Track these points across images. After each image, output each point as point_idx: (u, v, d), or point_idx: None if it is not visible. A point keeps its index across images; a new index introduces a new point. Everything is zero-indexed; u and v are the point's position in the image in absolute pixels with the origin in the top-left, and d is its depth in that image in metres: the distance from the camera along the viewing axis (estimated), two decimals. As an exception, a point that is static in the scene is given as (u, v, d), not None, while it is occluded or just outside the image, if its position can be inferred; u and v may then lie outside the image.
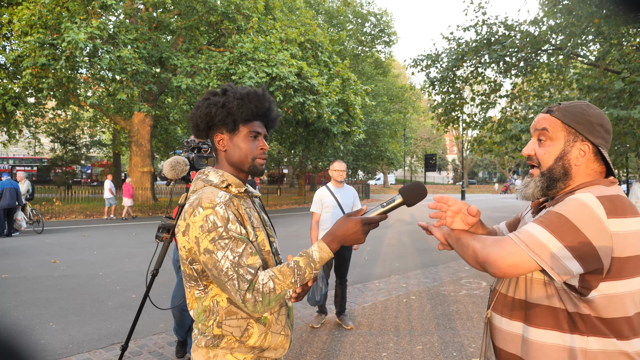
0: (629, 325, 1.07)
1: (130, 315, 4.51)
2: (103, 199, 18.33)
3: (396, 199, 1.26)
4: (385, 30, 32.35)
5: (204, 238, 1.18)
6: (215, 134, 1.36)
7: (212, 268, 1.18)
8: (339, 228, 1.24)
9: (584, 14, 9.31)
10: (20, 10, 12.78)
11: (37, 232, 10.64)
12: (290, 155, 30.49)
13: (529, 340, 1.14)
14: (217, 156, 1.39)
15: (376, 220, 1.25)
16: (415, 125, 41.15)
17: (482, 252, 1.11)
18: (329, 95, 16.36)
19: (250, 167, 1.35)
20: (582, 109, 1.18)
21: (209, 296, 1.26)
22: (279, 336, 1.32)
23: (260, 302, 1.16)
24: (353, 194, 4.49)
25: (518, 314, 1.18)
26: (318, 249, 1.24)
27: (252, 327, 1.26)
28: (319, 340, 3.97)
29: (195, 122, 1.35)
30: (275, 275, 1.19)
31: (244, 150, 1.34)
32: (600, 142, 1.16)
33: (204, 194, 1.23)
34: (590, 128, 1.16)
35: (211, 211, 1.19)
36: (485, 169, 67.49)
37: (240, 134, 1.34)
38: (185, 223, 1.22)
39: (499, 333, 1.24)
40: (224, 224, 1.18)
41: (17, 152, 41.81)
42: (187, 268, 1.28)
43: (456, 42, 12.21)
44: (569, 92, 10.94)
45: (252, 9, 15.57)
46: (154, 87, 14.79)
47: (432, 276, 6.58)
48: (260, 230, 1.32)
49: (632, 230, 1.04)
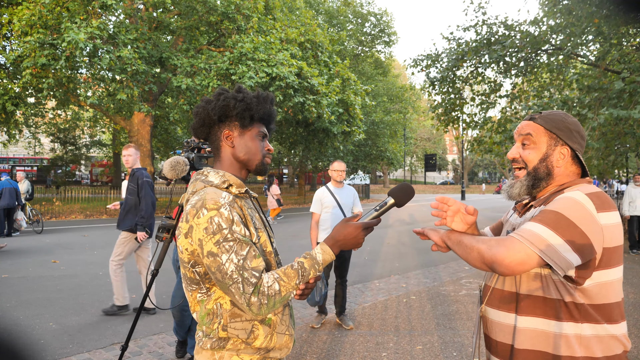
0: (618, 310, 1.19)
1: (130, 316, 4.51)
2: (103, 199, 18.35)
3: (387, 201, 1.33)
4: (385, 30, 32.34)
5: (208, 240, 1.16)
6: (223, 130, 1.35)
7: (215, 271, 1.16)
8: (339, 233, 1.28)
9: (584, 14, 9.31)
10: (20, 10, 12.78)
11: (37, 232, 10.65)
12: (290, 155, 30.48)
13: (523, 329, 1.22)
14: (220, 153, 1.37)
15: (373, 224, 1.30)
16: (415, 125, 41.16)
17: (489, 253, 1.15)
18: (329, 95, 16.35)
19: (258, 164, 1.37)
20: (562, 117, 1.32)
21: (212, 299, 1.25)
22: (284, 336, 1.33)
23: (266, 305, 1.16)
24: (353, 194, 4.49)
25: (512, 306, 1.26)
26: (321, 252, 1.26)
27: (258, 329, 1.26)
28: (319, 340, 3.97)
29: (206, 115, 1.33)
30: (280, 277, 1.19)
31: (252, 148, 1.35)
32: (577, 146, 1.30)
33: (207, 195, 1.20)
34: (569, 134, 1.30)
35: (216, 212, 1.17)
36: (485, 169, 67.49)
37: (251, 132, 1.36)
38: (187, 225, 1.20)
39: (495, 326, 1.31)
40: (228, 226, 1.17)
41: (17, 152, 41.82)
42: (189, 271, 1.25)
43: (456, 42, 12.20)
44: (569, 92, 10.93)
45: (252, 9, 15.56)
46: (154, 87, 14.78)
47: (432, 276, 6.58)
48: (262, 231, 1.32)
49: (615, 222, 1.17)
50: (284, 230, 12.18)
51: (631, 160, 16.23)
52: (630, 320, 4.60)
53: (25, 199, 11.37)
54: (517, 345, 1.22)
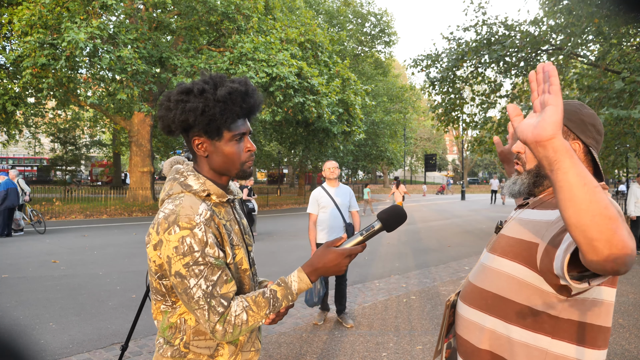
0: (605, 335, 1.05)
1: (130, 315, 4.51)
2: (103, 199, 18.34)
3: (375, 225, 1.21)
4: (385, 30, 32.35)
5: (177, 261, 1.07)
6: (193, 138, 1.19)
7: (182, 293, 1.09)
8: (319, 259, 1.18)
9: (584, 13, 9.31)
10: (20, 10, 12.78)
11: (40, 233, 10.64)
12: (290, 155, 30.49)
13: (511, 340, 1.09)
14: (197, 159, 1.24)
15: (357, 251, 1.18)
16: (415, 125, 41.16)
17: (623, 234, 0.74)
18: (329, 95, 16.36)
19: (238, 173, 1.23)
20: (576, 107, 1.15)
21: (177, 313, 1.18)
22: (249, 353, 1.28)
23: (231, 333, 1.09)
24: (349, 193, 4.48)
25: (487, 306, 1.13)
26: (297, 280, 1.18)
27: (223, 348, 1.20)
28: (319, 340, 3.97)
29: (167, 125, 1.17)
30: (249, 306, 1.12)
31: (229, 156, 1.19)
32: (591, 142, 1.13)
33: (182, 209, 1.09)
34: (582, 127, 1.13)
35: (188, 232, 1.07)
36: (485, 169, 67.49)
37: (224, 138, 1.18)
38: (158, 237, 1.10)
39: (463, 322, 1.21)
40: (201, 249, 1.07)
41: (17, 152, 41.84)
42: (155, 281, 1.18)
43: (456, 42, 12.21)
44: (569, 92, 10.93)
45: (252, 9, 15.57)
46: (154, 87, 14.79)
47: (432, 276, 6.58)
48: (239, 248, 1.22)
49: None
50: (284, 230, 12.18)
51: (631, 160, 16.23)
52: (630, 320, 4.60)
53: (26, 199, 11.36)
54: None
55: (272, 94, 14.95)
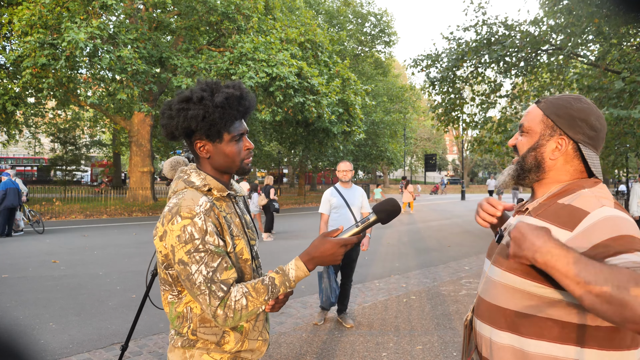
0: (632, 333, 1.00)
1: (130, 315, 4.51)
2: (103, 199, 18.34)
3: (370, 217, 1.27)
4: (385, 30, 32.37)
5: (180, 249, 1.16)
6: (195, 142, 1.30)
7: (185, 279, 1.17)
8: (316, 248, 1.23)
9: (584, 13, 9.32)
10: (20, 10, 12.78)
11: (39, 233, 10.65)
12: (290, 155, 30.50)
13: (527, 353, 1.03)
14: (200, 160, 1.34)
15: (352, 241, 1.24)
16: (415, 125, 41.15)
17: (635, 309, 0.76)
18: (329, 95, 16.36)
19: (238, 169, 1.34)
20: (567, 102, 1.10)
21: (183, 302, 1.25)
22: (257, 342, 1.33)
23: (232, 318, 1.15)
24: (361, 194, 4.49)
25: (506, 324, 1.08)
26: (295, 268, 1.22)
27: (229, 335, 1.26)
28: (319, 340, 3.97)
29: (170, 132, 1.28)
30: (249, 292, 1.17)
31: (230, 155, 1.30)
32: (580, 138, 1.08)
33: (183, 201, 1.18)
34: (570, 122, 1.08)
35: (189, 222, 1.16)
36: (485, 169, 67.48)
37: (224, 140, 1.29)
38: (163, 229, 1.19)
39: (481, 339, 1.16)
40: (201, 236, 1.15)
41: (17, 152, 41.84)
42: (162, 272, 1.26)
43: (456, 42, 12.21)
44: (569, 92, 10.94)
45: (252, 9, 15.57)
46: (154, 87, 14.79)
47: (432, 276, 6.57)
48: (239, 239, 1.29)
49: None
50: (284, 230, 12.18)
51: (631, 160, 16.22)
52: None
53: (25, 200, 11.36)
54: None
55: (272, 94, 14.95)
